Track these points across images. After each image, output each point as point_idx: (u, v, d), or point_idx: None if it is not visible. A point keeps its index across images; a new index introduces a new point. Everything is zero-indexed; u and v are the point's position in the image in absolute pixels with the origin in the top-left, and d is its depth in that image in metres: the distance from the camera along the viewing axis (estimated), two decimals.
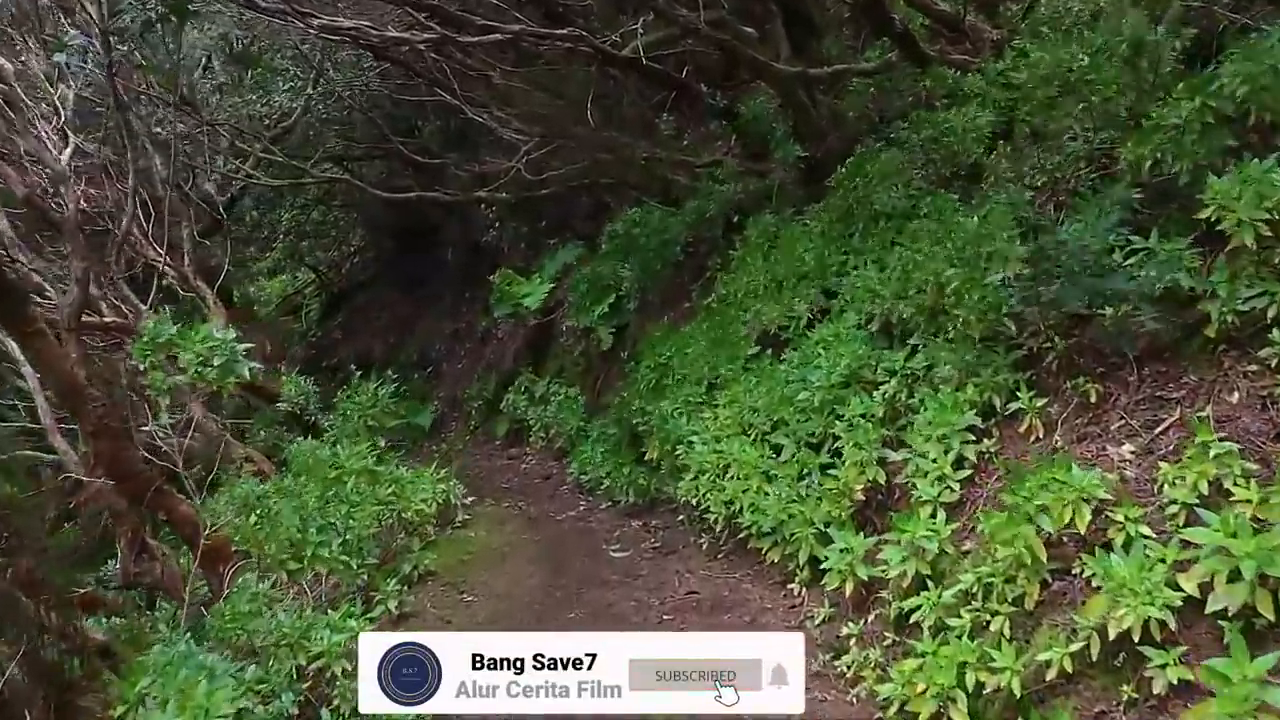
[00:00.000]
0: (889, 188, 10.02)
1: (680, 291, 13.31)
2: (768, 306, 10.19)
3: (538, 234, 18.84)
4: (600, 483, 11.65)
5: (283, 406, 11.95)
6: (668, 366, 11.14)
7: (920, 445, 7.12)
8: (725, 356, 10.20)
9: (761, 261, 11.04)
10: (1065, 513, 5.47)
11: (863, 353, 8.24)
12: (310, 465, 8.52)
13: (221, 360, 6.96)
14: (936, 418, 7.11)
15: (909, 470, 7.10)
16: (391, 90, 18.59)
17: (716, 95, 14.42)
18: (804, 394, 8.35)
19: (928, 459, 6.99)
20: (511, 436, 15.98)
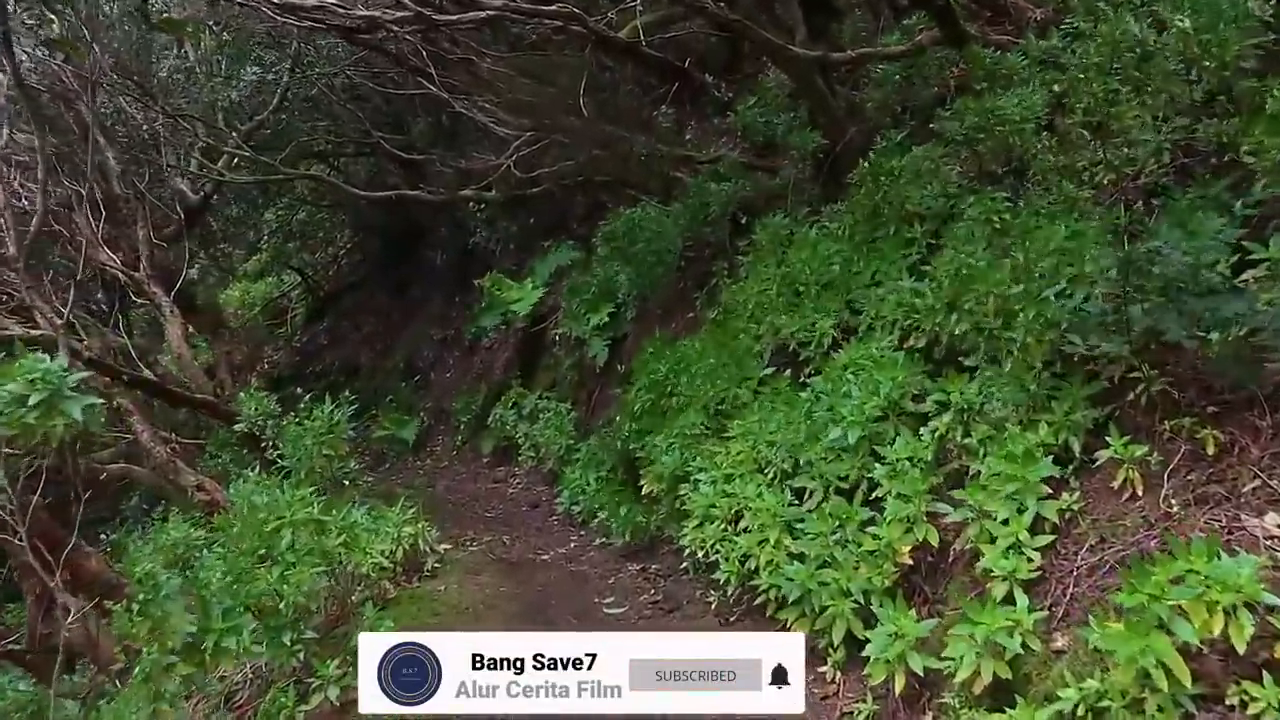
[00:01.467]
0: (922, 185, 8.51)
1: (682, 300, 11.78)
2: (783, 320, 8.66)
3: (531, 236, 17.32)
4: (593, 515, 10.15)
5: (239, 427, 10.39)
6: (667, 386, 9.60)
7: (983, 500, 5.57)
8: (734, 377, 8.67)
9: (774, 268, 9.51)
10: (1214, 620, 3.93)
11: (904, 379, 6.70)
12: (245, 513, 7.01)
13: (41, 398, 5.18)
14: (1003, 465, 5.57)
15: (971, 533, 5.56)
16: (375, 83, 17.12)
17: (721, 86, 12.90)
18: (834, 428, 6.81)
19: (995, 519, 5.45)
20: (499, 454, 14.47)
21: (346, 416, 9.36)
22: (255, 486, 7.59)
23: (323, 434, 8.97)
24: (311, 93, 16.76)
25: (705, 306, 11.10)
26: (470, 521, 11.20)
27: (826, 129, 10.59)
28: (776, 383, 8.26)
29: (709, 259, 11.68)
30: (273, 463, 9.30)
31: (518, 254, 17.50)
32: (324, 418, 9.09)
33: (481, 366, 16.91)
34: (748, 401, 8.33)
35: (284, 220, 22.37)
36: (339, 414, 9.21)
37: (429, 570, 8.34)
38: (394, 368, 19.59)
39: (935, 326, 6.95)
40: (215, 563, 6.80)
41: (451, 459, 15.79)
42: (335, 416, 9.15)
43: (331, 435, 9.04)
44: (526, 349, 15.31)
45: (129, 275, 11.82)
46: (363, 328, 21.64)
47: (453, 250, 18.87)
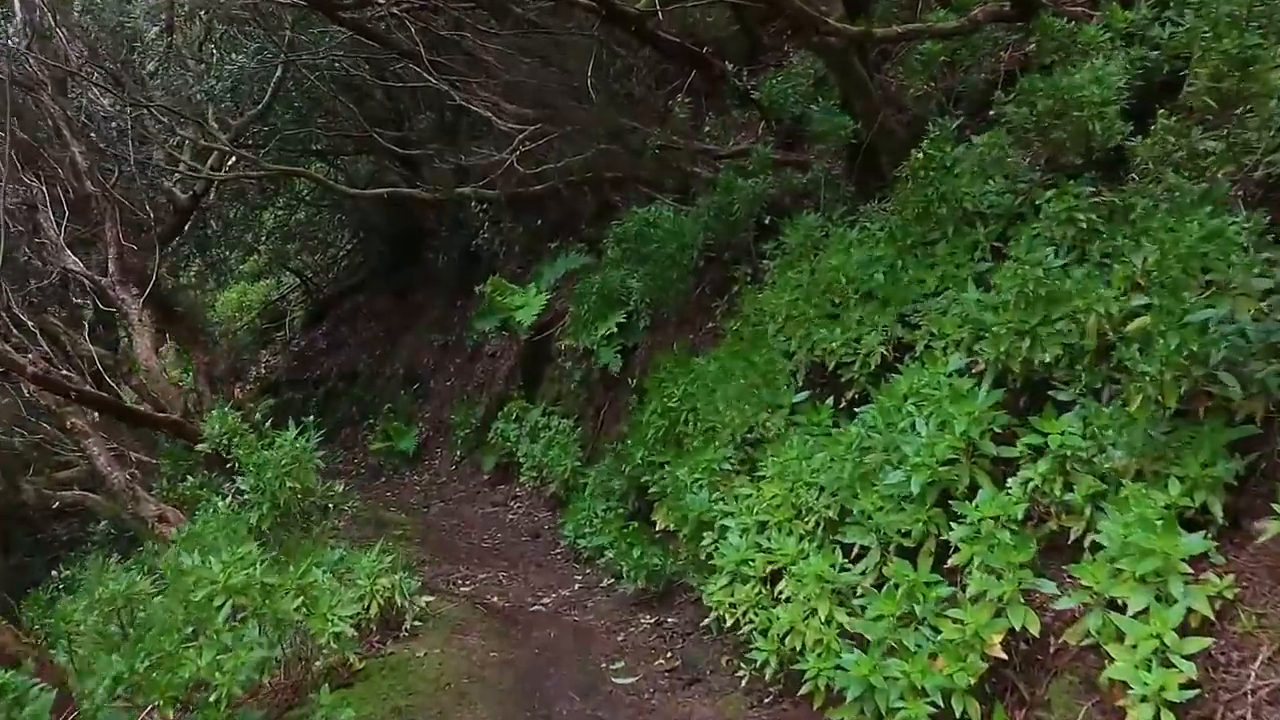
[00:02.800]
0: (982, 179, 7.15)
1: (700, 308, 10.40)
2: (819, 334, 7.28)
3: (537, 237, 15.96)
4: (600, 551, 8.79)
5: (201, 448, 9.02)
6: (685, 409, 8.24)
7: (1102, 582, 4.21)
8: (764, 401, 7.29)
9: (807, 275, 8.14)
10: None
11: (983, 415, 5.33)
12: (171, 579, 5.65)
13: None
14: (1130, 533, 4.20)
15: (1092, 625, 4.19)
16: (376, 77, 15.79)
17: (742, 74, 11.49)
18: (892, 472, 5.44)
19: (1123, 609, 4.09)
20: (500, 471, 13.11)
21: (313, 444, 7.94)
22: (204, 529, 6.27)
23: (286, 464, 7.59)
24: (304, 86, 15.37)
25: (726, 316, 9.73)
26: (464, 554, 9.84)
27: (864, 118, 9.21)
28: (816, 412, 6.88)
29: (730, 263, 10.31)
30: (243, 492, 7.95)
31: (523, 256, 16.16)
32: (288, 444, 7.69)
33: (484, 375, 15.56)
34: (781, 432, 6.96)
35: (283, 221, 21.06)
36: (304, 441, 7.80)
37: (407, 630, 6.95)
38: (393, 374, 18.26)
39: (1008, 350, 5.58)
40: (140, 638, 5.45)
41: (450, 474, 14.44)
42: (301, 443, 7.75)
43: (297, 465, 7.66)
44: (530, 358, 13.94)
45: (92, 280, 10.49)
46: (363, 332, 20.31)
47: (455, 252, 17.51)
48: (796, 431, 6.84)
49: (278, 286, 23.94)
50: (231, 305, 23.16)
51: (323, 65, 15.03)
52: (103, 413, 9.57)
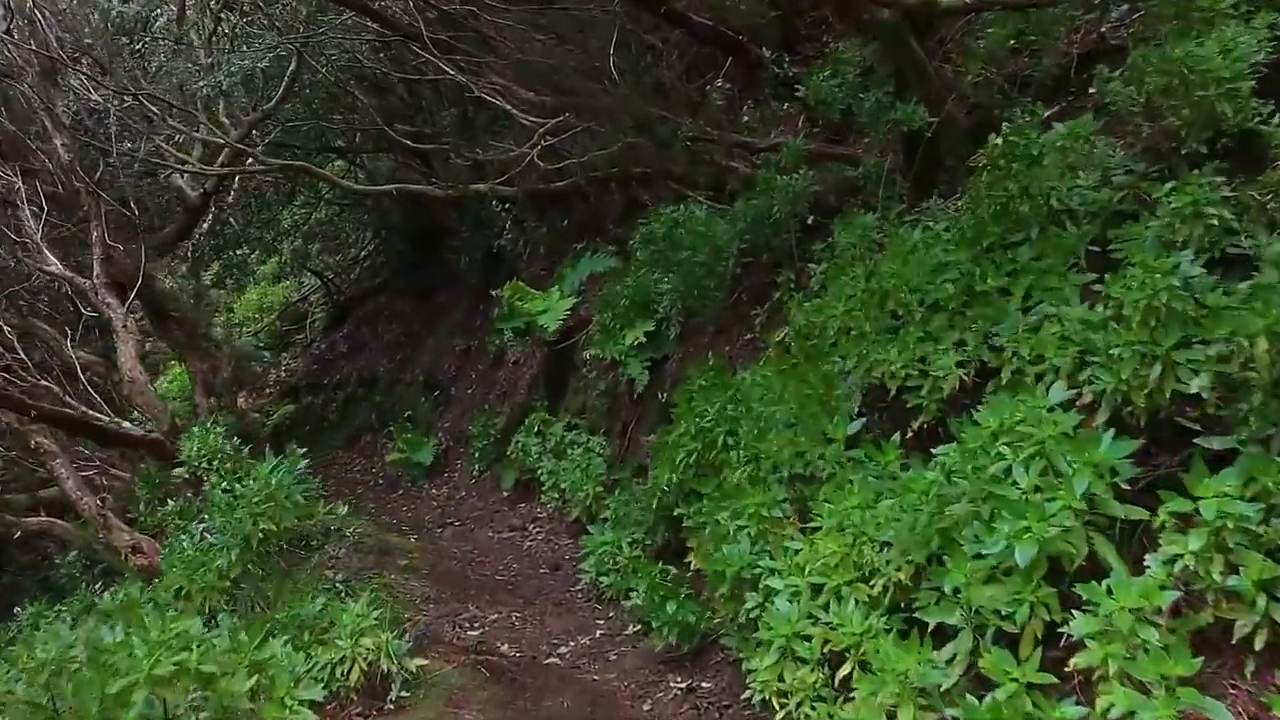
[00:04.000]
0: (1070, 173, 5.96)
1: (737, 317, 9.23)
2: (879, 352, 6.09)
3: (562, 237, 14.82)
4: (625, 592, 7.63)
5: (179, 473, 7.93)
6: (721, 433, 7.06)
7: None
8: (814, 431, 6.10)
9: (862, 281, 6.94)
10: None
11: (1106, 464, 4.13)
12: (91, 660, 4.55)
13: None
14: None
15: None
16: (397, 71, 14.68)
17: (782, 61, 10.28)
18: (988, 535, 4.26)
19: None
20: (520, 489, 11.99)
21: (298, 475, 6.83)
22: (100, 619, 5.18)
23: (260, 503, 6.47)
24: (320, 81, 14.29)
25: (767, 327, 8.56)
26: (476, 589, 8.71)
27: (922, 107, 8.01)
28: (879, 448, 5.68)
29: (770, 267, 9.13)
30: (210, 533, 6.86)
31: (548, 257, 15.02)
32: (263, 479, 6.57)
33: (506, 383, 14.44)
34: (837, 470, 5.76)
35: (302, 220, 20.05)
36: (281, 474, 6.68)
37: (393, 701, 5.79)
38: (414, 380, 17.16)
39: (1130, 380, 4.38)
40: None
41: (469, 488, 13.34)
42: (278, 477, 6.63)
43: (272, 504, 6.54)
44: (554, 367, 12.79)
45: (72, 283, 9.45)
46: (384, 335, 19.25)
47: (477, 252, 16.39)
48: (855, 469, 5.65)
49: (298, 288, 22.93)
50: (251, 307, 22.17)
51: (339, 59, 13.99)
52: (67, 431, 8.54)
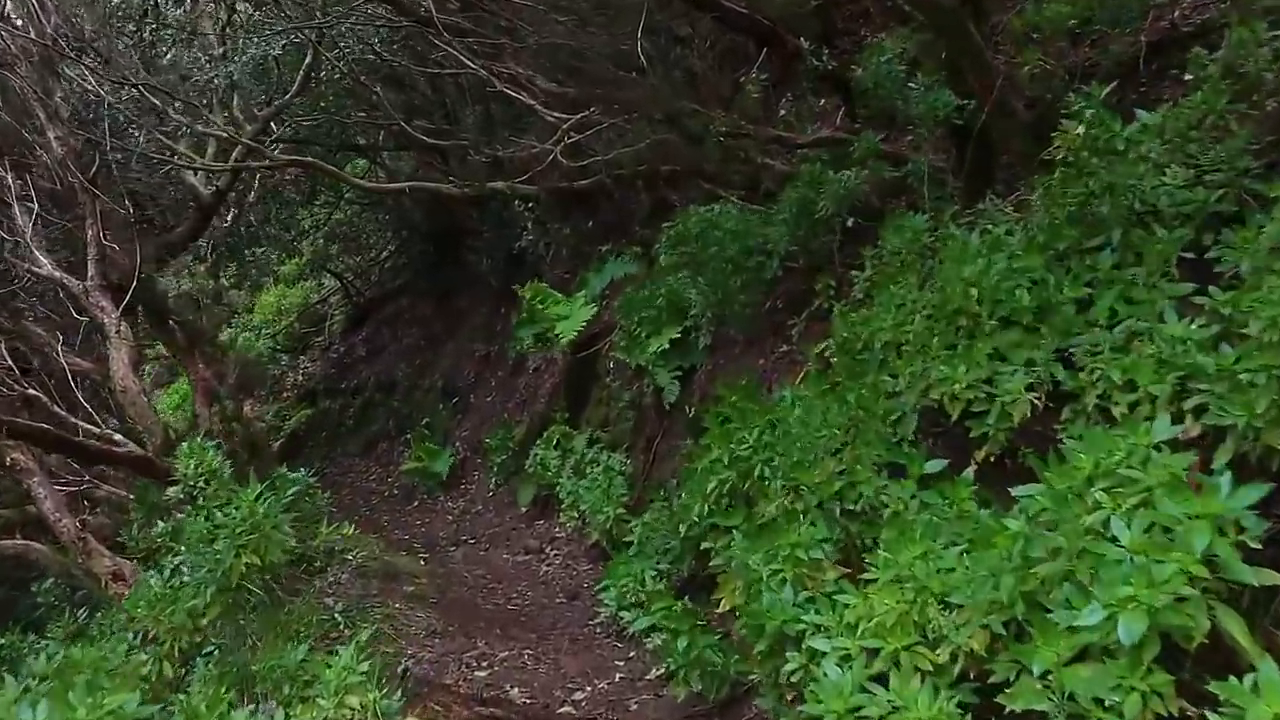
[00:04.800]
0: (1154, 169, 5.20)
1: (773, 327, 8.49)
2: (939, 371, 5.31)
3: (587, 239, 14.10)
4: (648, 631, 6.90)
5: (172, 493, 7.24)
6: (757, 460, 6.30)
7: None
8: (866, 460, 5.34)
9: (915, 291, 6.18)
10: None
11: (1229, 520, 3.37)
12: None
13: None
14: None
15: None
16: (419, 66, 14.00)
17: (821, 52, 9.52)
18: (1084, 603, 3.49)
19: None
20: (538, 505, 11.29)
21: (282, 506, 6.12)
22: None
23: (244, 534, 5.78)
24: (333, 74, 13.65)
25: (806, 338, 7.81)
26: (486, 620, 8.00)
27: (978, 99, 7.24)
28: (945, 485, 4.91)
29: (809, 273, 8.39)
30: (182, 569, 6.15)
31: (571, 260, 14.31)
32: (248, 506, 5.88)
33: (526, 391, 13.75)
34: (894, 508, 4.99)
35: (321, 220, 19.43)
36: (269, 503, 5.98)
37: None
38: (432, 386, 16.50)
39: (1266, 414, 3.61)
40: None
41: (486, 502, 12.66)
42: (263, 507, 5.92)
43: (255, 536, 5.84)
44: (576, 375, 12.08)
45: (62, 285, 8.82)
46: (403, 338, 18.61)
47: (499, 255, 15.68)
48: (914, 508, 4.89)
49: (318, 289, 22.33)
50: (270, 308, 21.58)
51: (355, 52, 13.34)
52: (43, 448, 7.91)
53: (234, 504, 5.94)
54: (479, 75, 10.01)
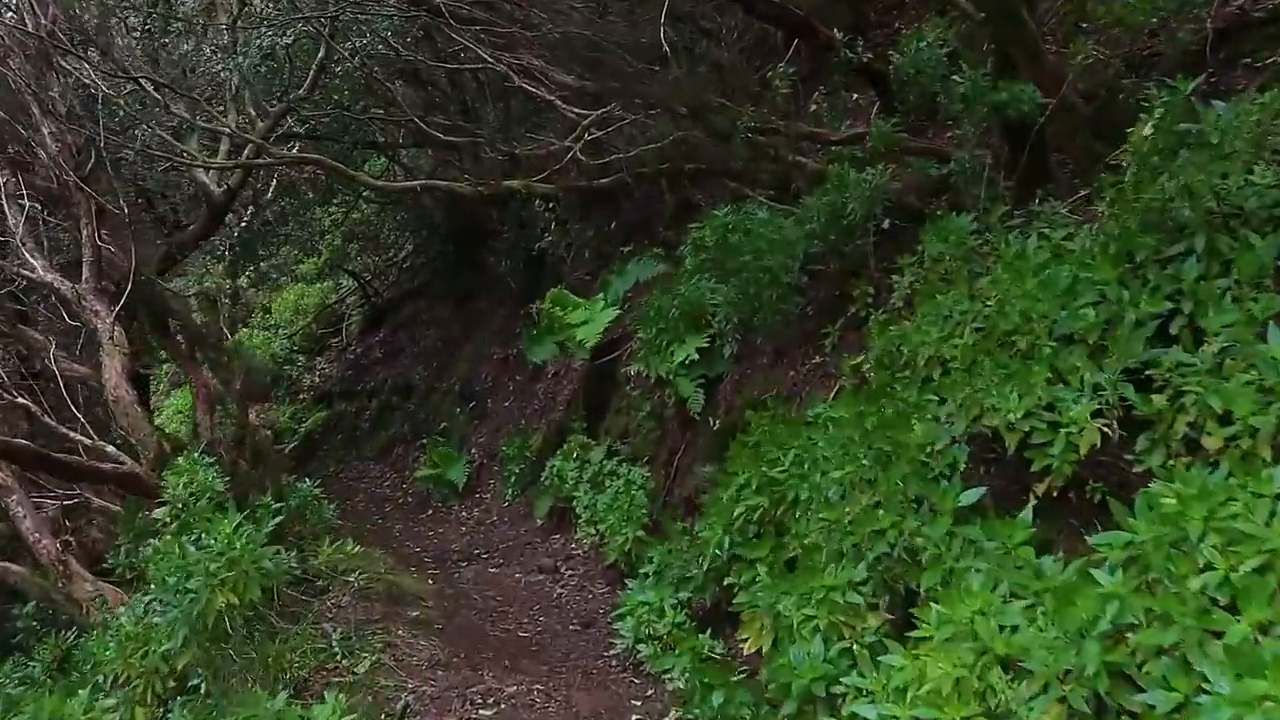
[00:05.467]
0: (1240, 167, 4.59)
1: (803, 336, 7.88)
2: (992, 395, 4.70)
3: (609, 240, 13.54)
4: (666, 667, 6.31)
5: (160, 514, 6.70)
6: (787, 486, 5.71)
7: None
8: (908, 497, 4.72)
9: (964, 302, 5.57)
10: None
11: None
12: None
13: None
14: None
15: None
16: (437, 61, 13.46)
17: (856, 44, 8.91)
18: (1197, 697, 2.88)
19: None
20: (554, 519, 10.72)
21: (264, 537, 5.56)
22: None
23: (220, 569, 5.23)
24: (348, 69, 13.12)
25: (840, 350, 7.19)
26: (495, 649, 7.43)
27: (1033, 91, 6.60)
28: (1002, 526, 4.29)
29: (843, 278, 7.78)
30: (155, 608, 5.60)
31: (593, 262, 13.74)
32: (225, 538, 5.33)
33: (544, 398, 13.18)
34: (941, 554, 4.37)
35: (338, 219, 18.95)
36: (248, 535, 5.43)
37: None
38: (449, 390, 15.95)
39: None
40: None
41: (500, 513, 12.10)
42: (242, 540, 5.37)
43: (233, 573, 5.29)
44: (595, 382, 11.50)
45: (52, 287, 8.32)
46: (421, 340, 18.08)
47: (518, 256, 15.12)
48: (969, 553, 4.27)
49: (336, 289, 21.84)
50: (287, 308, 21.11)
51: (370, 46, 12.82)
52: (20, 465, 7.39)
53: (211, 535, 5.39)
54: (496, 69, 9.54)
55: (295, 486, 10.36)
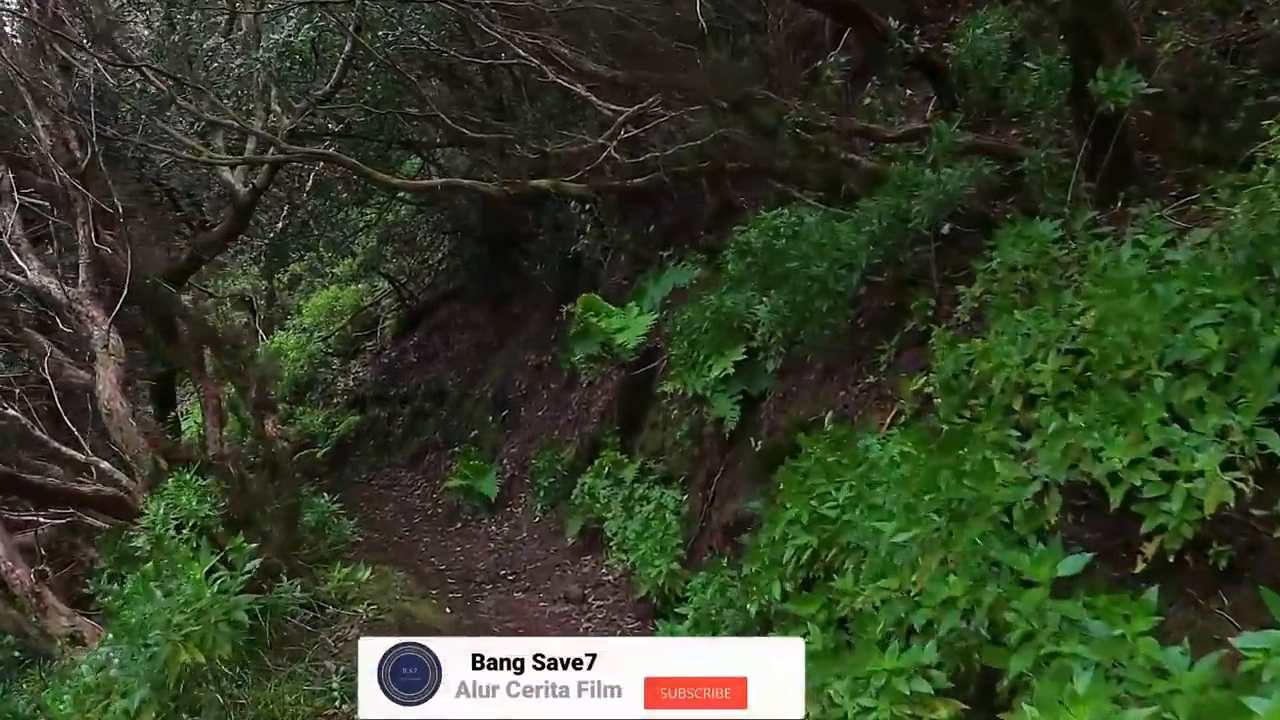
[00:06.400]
0: None
1: (856, 353, 7.03)
2: (1091, 437, 3.86)
3: (648, 244, 12.75)
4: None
5: (139, 543, 5.97)
6: (840, 527, 4.89)
7: None
8: (987, 556, 3.86)
9: (1049, 319, 4.70)
10: None
11: None
12: None
13: None
14: None
15: None
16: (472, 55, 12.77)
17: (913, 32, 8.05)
18: None
19: None
20: (585, 538, 10.00)
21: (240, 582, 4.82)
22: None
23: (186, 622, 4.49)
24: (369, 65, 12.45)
25: (897, 369, 6.35)
26: None
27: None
28: (1117, 605, 3.43)
29: (898, 288, 6.94)
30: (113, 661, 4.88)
31: (631, 266, 12.97)
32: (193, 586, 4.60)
33: (578, 408, 12.44)
34: (1034, 632, 3.52)
35: (375, 220, 18.31)
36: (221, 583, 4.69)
37: None
38: (482, 397, 15.26)
39: None
40: None
41: (531, 529, 11.38)
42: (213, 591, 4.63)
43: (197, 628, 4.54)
44: (630, 394, 10.73)
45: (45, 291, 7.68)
46: (455, 345, 17.42)
47: (553, 260, 14.39)
48: (1069, 635, 3.42)
49: (371, 291, 21.23)
50: (321, 310, 20.53)
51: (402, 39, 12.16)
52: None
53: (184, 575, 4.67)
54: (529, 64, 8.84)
55: (312, 502, 9.71)
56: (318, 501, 9.76)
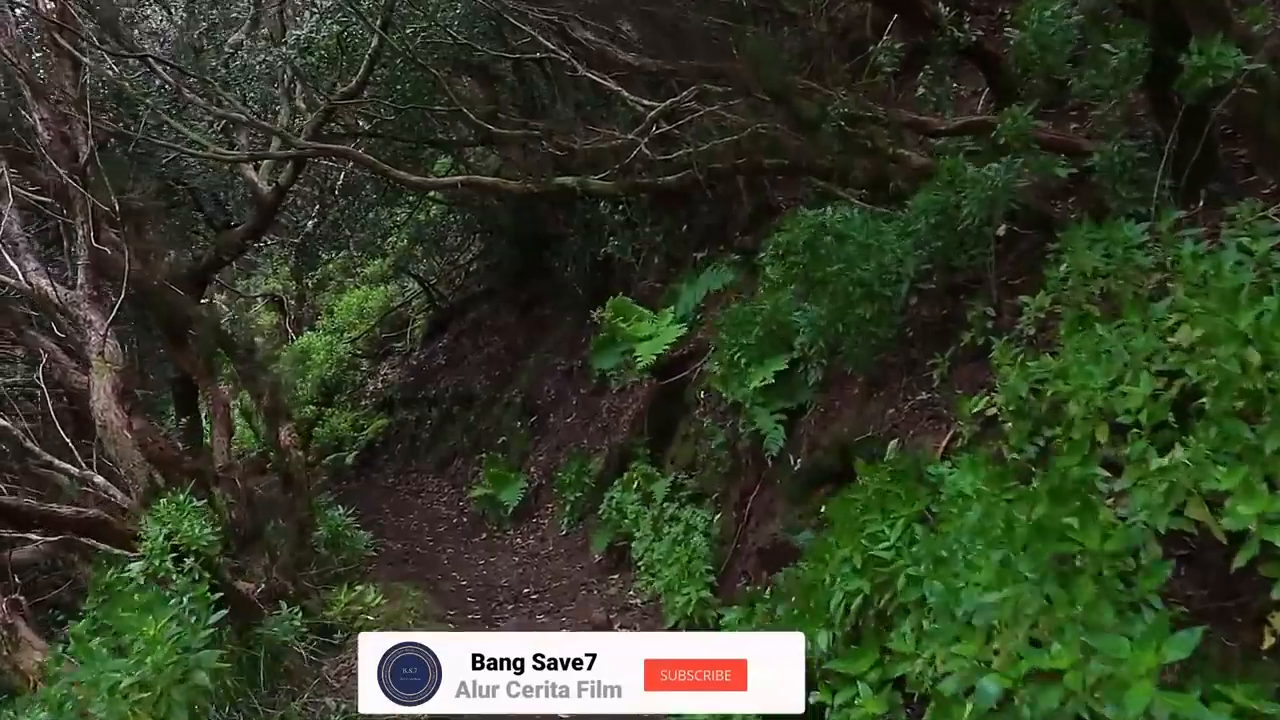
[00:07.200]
0: None
1: (906, 365, 6.34)
2: (1200, 476, 3.16)
3: (682, 245, 12.14)
4: None
5: (135, 570, 5.43)
6: (897, 573, 4.21)
7: None
8: (1089, 623, 3.16)
9: (1138, 335, 4.00)
10: None
11: None
12: None
13: None
14: None
15: None
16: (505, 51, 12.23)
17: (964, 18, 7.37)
18: None
19: None
20: (612, 556, 9.38)
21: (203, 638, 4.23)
22: None
23: (134, 688, 3.89)
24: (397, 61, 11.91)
25: (953, 385, 5.66)
26: None
27: None
28: (1244, 694, 2.74)
29: (950, 295, 6.26)
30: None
31: (664, 269, 12.36)
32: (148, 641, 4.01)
33: (608, 416, 11.83)
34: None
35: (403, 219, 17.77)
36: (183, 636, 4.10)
37: None
38: (511, 402, 14.67)
39: None
40: None
41: (557, 543, 10.79)
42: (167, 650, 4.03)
43: (146, 695, 3.94)
44: (661, 404, 10.09)
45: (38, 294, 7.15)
46: (484, 348, 16.83)
47: (584, 261, 13.77)
48: None
49: (401, 292, 20.69)
50: (351, 311, 20.03)
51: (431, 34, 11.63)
52: None
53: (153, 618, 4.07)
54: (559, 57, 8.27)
55: (327, 516, 9.18)
56: (332, 515, 9.24)
